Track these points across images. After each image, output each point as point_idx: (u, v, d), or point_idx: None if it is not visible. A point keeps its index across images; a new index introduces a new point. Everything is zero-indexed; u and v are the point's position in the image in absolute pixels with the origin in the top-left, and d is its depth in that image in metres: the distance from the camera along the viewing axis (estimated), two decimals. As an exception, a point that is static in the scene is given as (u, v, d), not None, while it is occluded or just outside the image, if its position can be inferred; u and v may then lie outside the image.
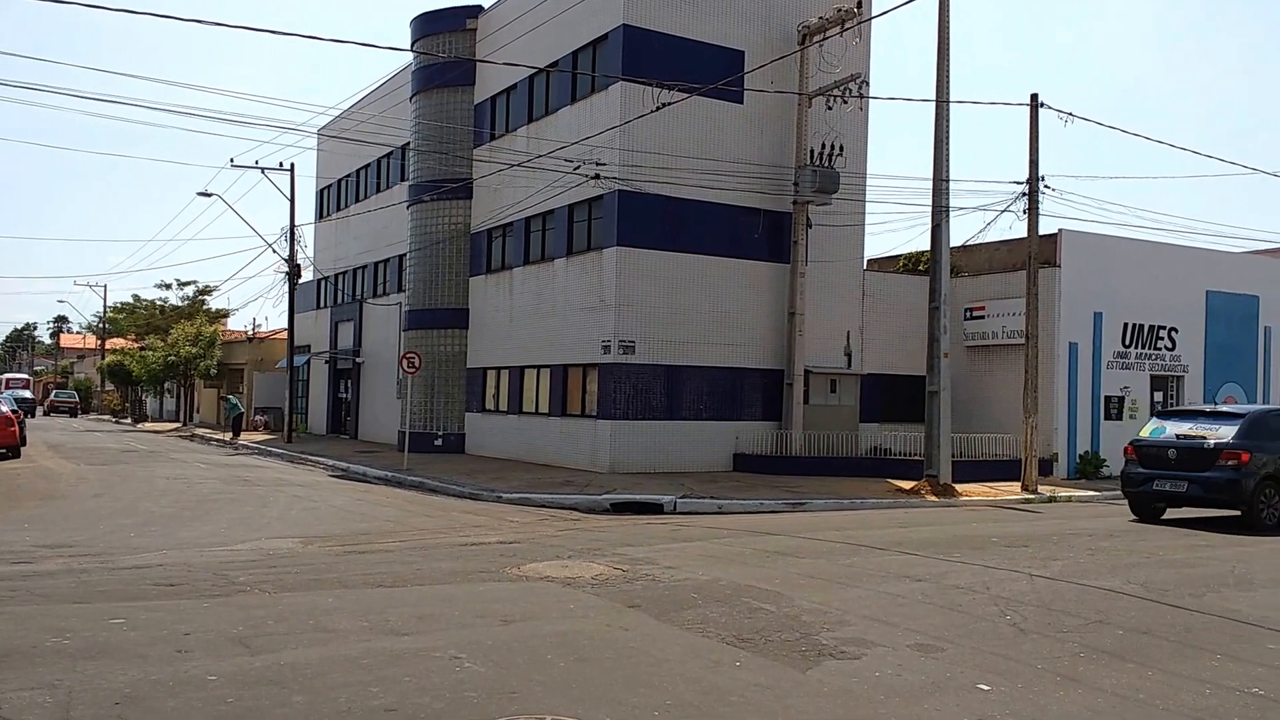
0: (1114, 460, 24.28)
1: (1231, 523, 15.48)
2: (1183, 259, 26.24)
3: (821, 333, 24.19)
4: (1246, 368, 26.97)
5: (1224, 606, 8.85)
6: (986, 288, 26.28)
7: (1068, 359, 24.32)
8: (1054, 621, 8.17)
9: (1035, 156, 20.76)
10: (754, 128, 23.45)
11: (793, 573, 10.24)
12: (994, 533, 13.78)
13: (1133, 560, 11.35)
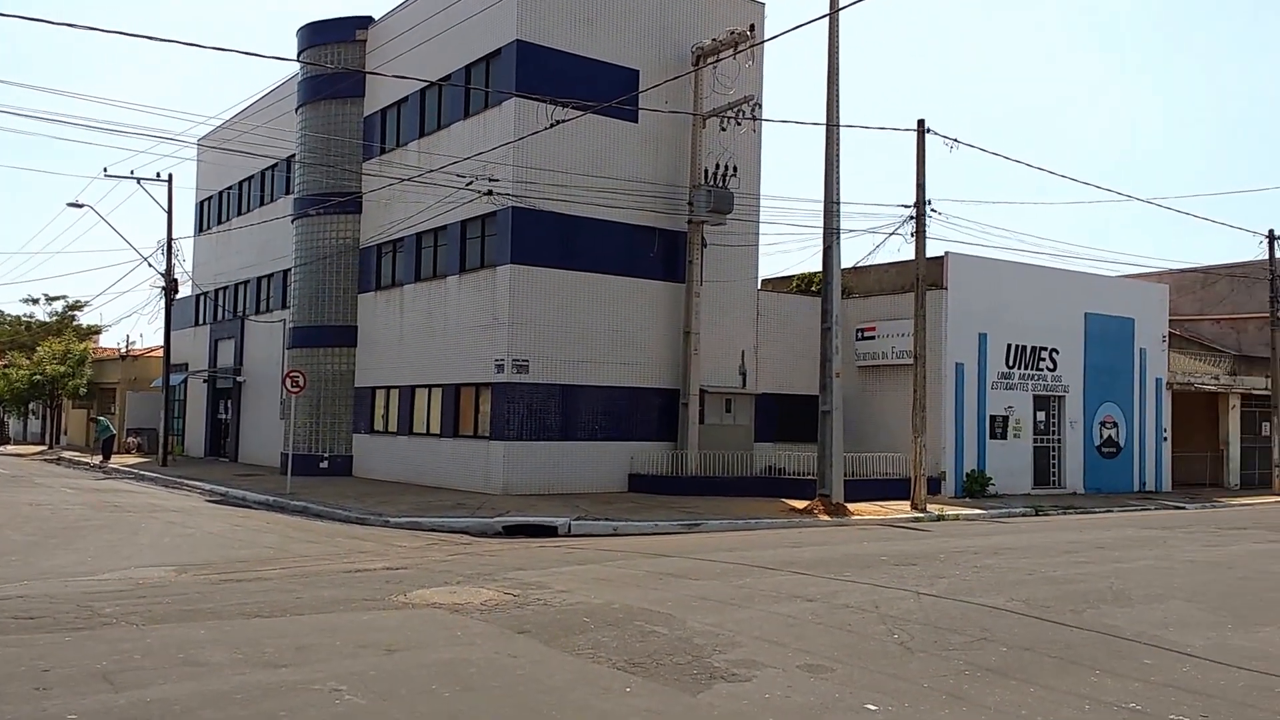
0: (999, 478, 25.02)
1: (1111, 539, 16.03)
2: (1063, 282, 27.26)
3: (717, 352, 24.28)
4: (1123, 388, 28.14)
5: (1102, 622, 9.03)
6: (877, 309, 26.83)
7: (954, 379, 24.96)
8: (940, 640, 8.20)
9: (922, 180, 21.29)
10: (649, 147, 23.48)
11: (686, 594, 10.11)
12: (884, 551, 13.91)
13: (1016, 577, 11.55)
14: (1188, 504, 24.25)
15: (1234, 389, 30.34)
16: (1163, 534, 16.99)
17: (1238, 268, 32.44)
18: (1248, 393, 30.46)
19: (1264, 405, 30.22)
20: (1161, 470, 28.69)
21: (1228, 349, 32.96)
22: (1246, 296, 32.66)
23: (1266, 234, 29.15)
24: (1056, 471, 26.75)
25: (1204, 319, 34.42)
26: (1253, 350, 32.12)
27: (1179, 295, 33.10)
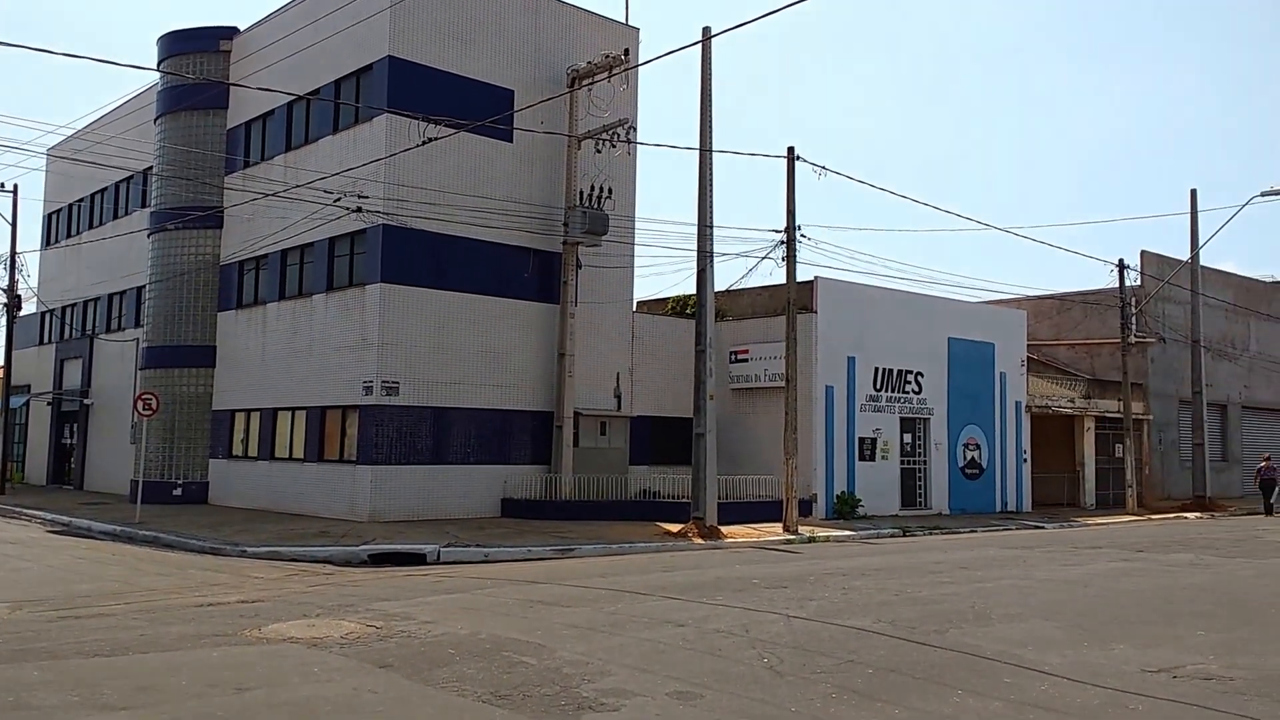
0: (868, 500, 25.52)
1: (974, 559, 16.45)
2: (927, 307, 28.14)
3: (592, 374, 24.09)
4: (985, 410, 29.18)
5: (965, 642, 9.14)
6: (750, 331, 27.14)
7: (825, 402, 25.40)
8: (808, 663, 8.13)
9: (792, 206, 21.65)
10: (524, 167, 23.23)
11: (557, 623, 9.84)
12: (755, 574, 13.90)
13: (883, 598, 11.66)
14: (1047, 523, 25.23)
15: (1089, 412, 31.85)
16: (1023, 553, 17.54)
17: (1091, 295, 34.17)
18: (1101, 415, 32.02)
19: (1116, 427, 31.81)
20: (1022, 491, 29.83)
21: (1082, 373, 34.63)
22: (1099, 323, 34.42)
23: (1117, 263, 30.79)
24: (923, 493, 27.48)
25: (1060, 344, 36.12)
26: (1105, 374, 33.83)
27: (1037, 321, 34.64)
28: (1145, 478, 32.76)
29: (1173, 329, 34.70)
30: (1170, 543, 19.82)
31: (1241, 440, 39.40)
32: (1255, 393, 40.20)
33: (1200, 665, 8.33)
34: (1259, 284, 42.18)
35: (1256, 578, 14.32)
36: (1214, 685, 7.65)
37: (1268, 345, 41.03)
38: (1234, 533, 22.73)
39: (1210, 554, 17.57)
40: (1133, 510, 29.93)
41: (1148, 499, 31.90)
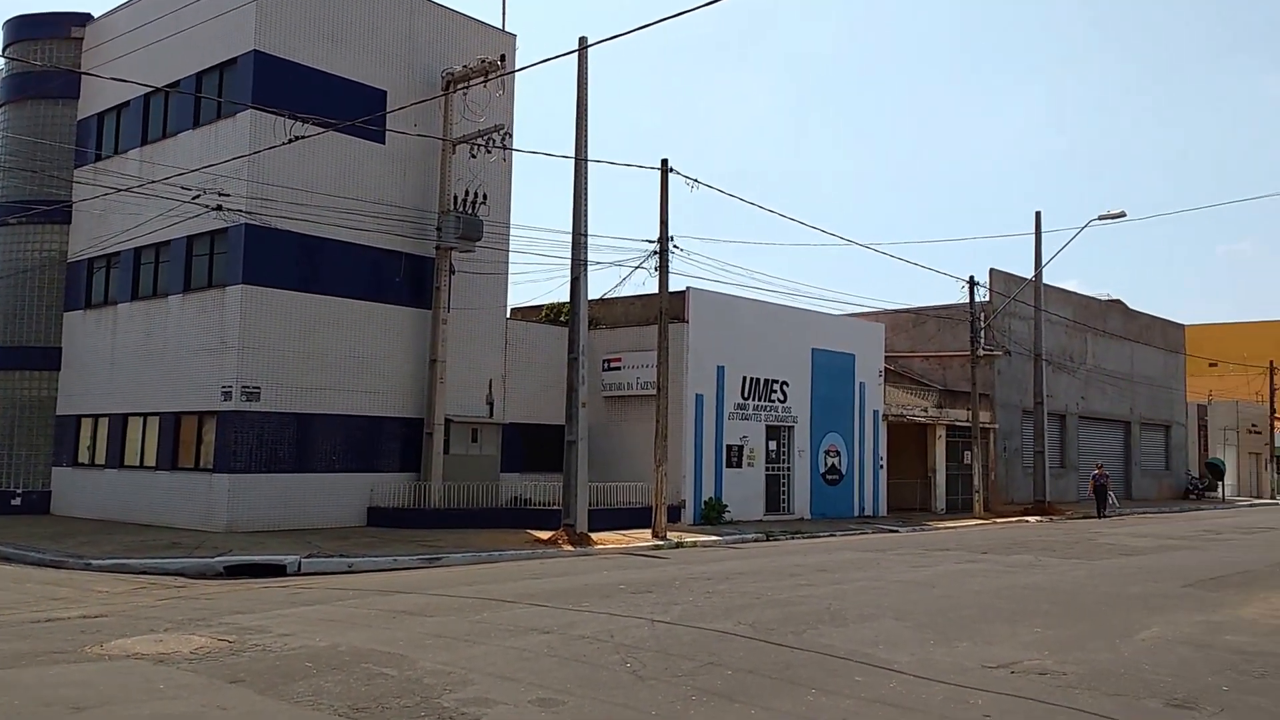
0: (735, 505, 26.08)
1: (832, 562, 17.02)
2: (793, 319, 28.97)
3: (464, 381, 23.86)
4: (845, 419, 30.21)
5: (820, 642, 9.50)
6: (623, 340, 27.39)
7: (695, 410, 25.85)
8: (670, 666, 8.31)
9: (665, 217, 21.99)
10: (397, 169, 22.86)
11: (420, 633, 9.74)
12: (623, 580, 14.05)
13: (744, 601, 11.98)
14: (900, 527, 26.31)
15: (940, 420, 33.36)
16: (877, 556, 18.27)
17: (944, 310, 35.84)
18: (952, 424, 33.59)
19: (966, 435, 33.41)
20: (879, 496, 31.01)
21: (935, 384, 36.27)
22: (952, 336, 36.12)
23: (968, 280, 32.39)
24: (786, 498, 28.25)
25: (915, 356, 37.74)
26: (956, 385, 35.51)
27: (894, 334, 36.10)
28: (991, 483, 34.51)
29: (1018, 343, 36.72)
30: (1012, 545, 20.98)
31: (1078, 448, 42.01)
32: (1091, 404, 42.97)
33: (1036, 661, 8.88)
34: (1096, 302, 45.12)
35: (1089, 578, 15.31)
36: (1048, 680, 8.18)
37: (1103, 359, 43.91)
38: (1070, 536, 24.23)
39: (1047, 556, 18.70)
40: (979, 514, 31.51)
41: (993, 503, 33.62)
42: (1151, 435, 48.43)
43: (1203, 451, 53.07)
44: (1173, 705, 7.42)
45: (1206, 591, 13.85)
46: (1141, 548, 20.86)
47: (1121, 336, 45.58)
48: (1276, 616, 11.66)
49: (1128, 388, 45.66)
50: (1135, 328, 47.22)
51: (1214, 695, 7.76)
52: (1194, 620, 11.28)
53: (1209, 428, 54.20)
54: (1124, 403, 45.47)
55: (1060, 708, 7.32)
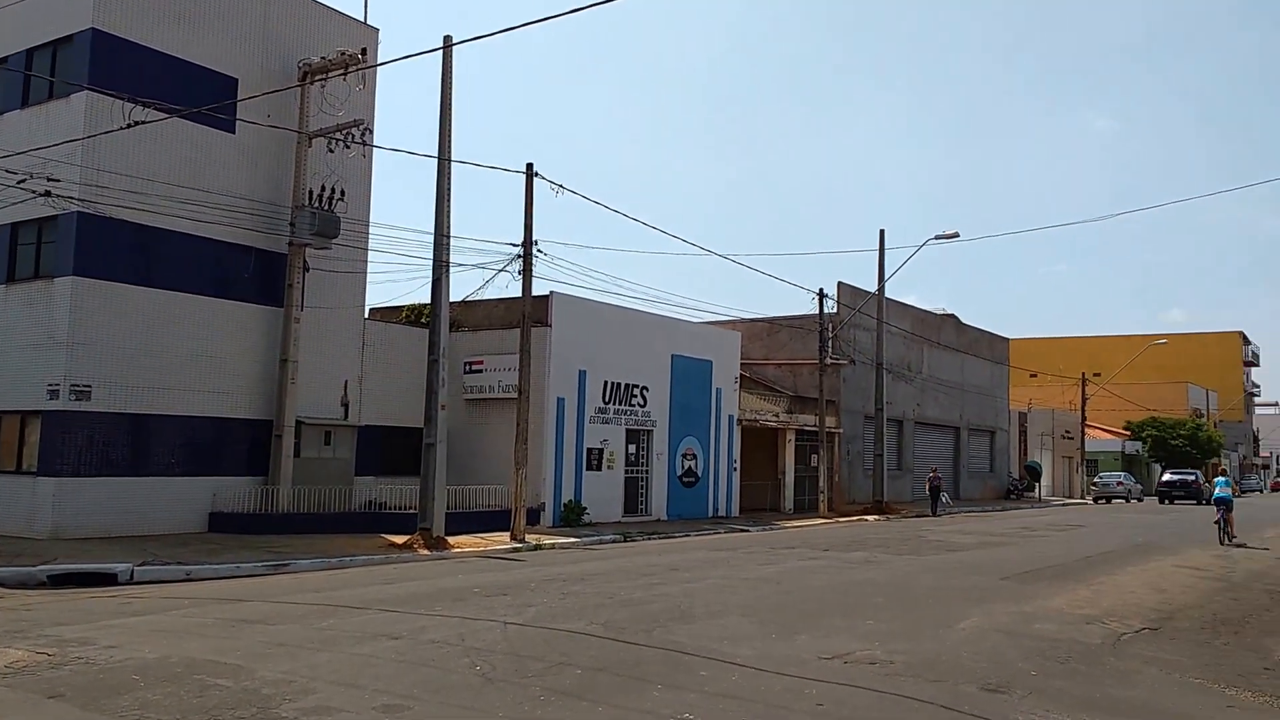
0: (594, 508, 26.31)
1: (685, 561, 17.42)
2: (655, 325, 29.44)
3: (317, 382, 23.24)
4: (702, 423, 30.88)
5: (669, 639, 9.78)
6: (485, 343, 27.25)
7: (556, 413, 25.94)
8: (521, 667, 8.40)
9: (530, 221, 22.03)
10: (248, 161, 22.08)
11: (260, 641, 9.50)
12: (478, 583, 14.04)
13: (598, 601, 12.18)
14: (751, 527, 27.11)
15: (790, 425, 34.53)
16: (728, 555, 18.82)
17: (796, 319, 37.11)
18: (801, 428, 34.82)
19: (813, 439, 34.68)
20: (732, 497, 31.84)
21: (786, 390, 37.50)
22: (802, 345, 37.41)
23: (818, 292, 33.66)
24: (645, 500, 28.68)
25: (769, 363, 38.92)
26: (806, 392, 36.82)
27: (749, 342, 37.14)
28: (836, 484, 35.95)
29: (862, 353, 38.39)
30: (851, 543, 21.96)
31: (913, 452, 44.26)
32: (926, 410, 45.38)
33: (868, 651, 9.40)
34: (932, 316, 47.71)
35: (919, 573, 16.22)
36: (877, 668, 8.69)
37: (937, 369, 46.43)
38: (904, 533, 25.52)
39: (883, 552, 19.67)
40: (824, 514, 32.79)
41: (837, 504, 35.03)
42: (978, 440, 51.42)
43: (1022, 455, 56.67)
44: (986, 690, 8.02)
45: (1021, 584, 14.90)
46: (966, 544, 22.18)
47: (954, 348, 48.27)
48: (1080, 607, 12.67)
49: (958, 396, 48.39)
50: (966, 340, 50.09)
51: (1023, 680, 8.42)
52: (1009, 611, 12.14)
53: (1028, 433, 57.94)
54: (955, 410, 48.15)
55: (886, 694, 7.80)
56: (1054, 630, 10.87)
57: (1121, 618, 11.90)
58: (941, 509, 35.66)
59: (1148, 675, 8.91)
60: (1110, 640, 10.45)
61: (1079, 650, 9.82)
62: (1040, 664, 9.09)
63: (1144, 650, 10.03)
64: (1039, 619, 11.60)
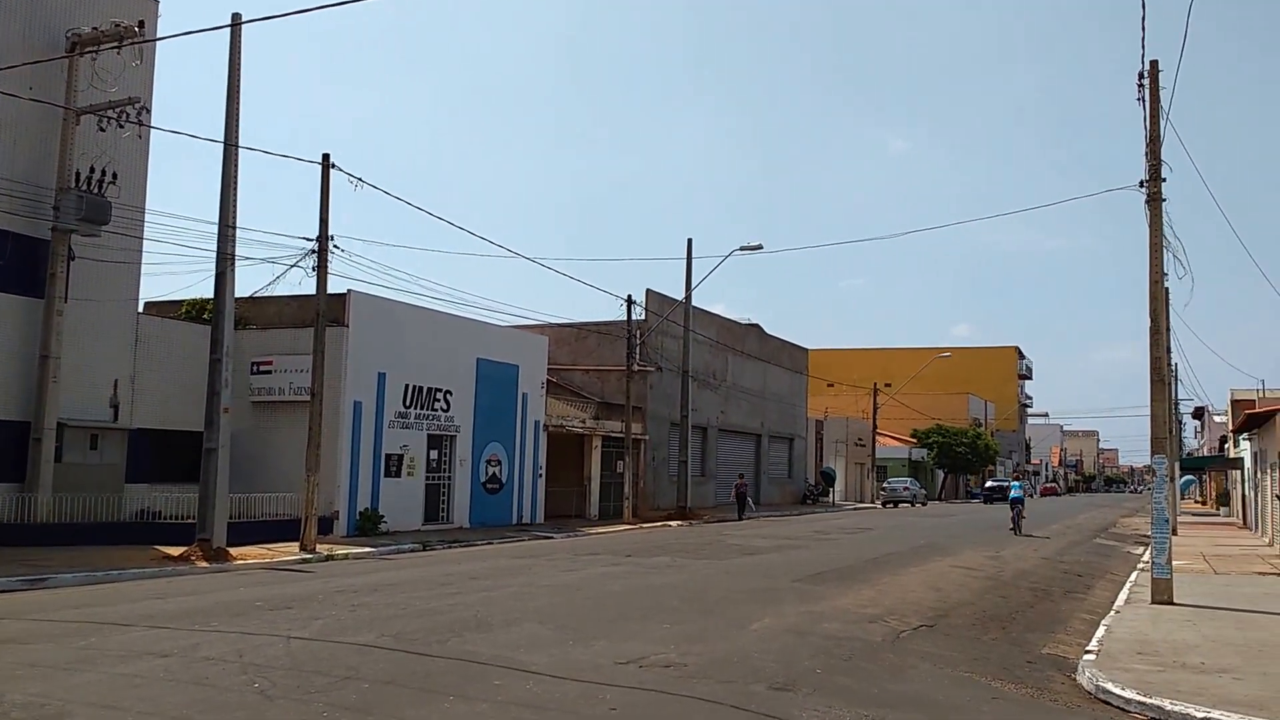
0: (393, 516, 25.47)
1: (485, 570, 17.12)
2: (459, 328, 28.85)
3: (83, 380, 21.35)
4: (507, 428, 30.52)
5: (464, 649, 9.52)
6: (275, 342, 25.91)
7: (352, 418, 24.96)
8: (304, 683, 7.95)
9: (326, 215, 21.11)
10: (5, 137, 20.03)
11: (9, 663, 8.62)
12: (261, 596, 13.26)
13: (391, 613, 11.74)
14: (555, 534, 27.02)
15: (597, 431, 34.72)
16: (530, 562, 18.64)
17: (604, 325, 37.37)
18: (608, 434, 35.06)
19: (619, 445, 35.00)
20: (536, 504, 31.66)
21: (594, 396, 37.71)
22: (610, 351, 37.73)
23: (626, 299, 34.06)
24: (446, 507, 28.06)
25: (577, 369, 39.03)
26: (613, 398, 37.13)
27: (557, 347, 37.11)
28: (641, 490, 36.45)
29: (668, 360, 39.16)
30: (654, 548, 22.28)
31: (717, 458, 45.56)
32: (730, 417, 46.81)
33: (663, 654, 9.48)
34: (737, 325, 49.30)
35: (717, 576, 16.60)
36: (671, 671, 8.76)
37: (740, 377, 48.01)
38: (705, 537, 26.15)
39: (684, 557, 20.04)
40: (629, 520, 33.16)
41: (642, 509, 35.52)
42: (778, 446, 53.56)
43: (818, 461, 59.51)
44: (774, 688, 8.24)
45: (811, 585, 15.52)
46: (763, 547, 22.95)
47: (757, 357, 50.07)
48: (865, 606, 13.31)
49: (760, 404, 50.22)
50: (769, 350, 52.07)
51: (809, 677, 8.71)
52: (799, 611, 12.60)
53: (824, 440, 60.90)
54: (757, 417, 49.94)
55: (678, 696, 7.87)
56: (840, 629, 11.34)
57: (901, 616, 12.57)
58: (748, 514, 36.87)
59: (923, 670, 9.41)
60: (890, 638, 11.00)
61: (861, 648, 10.28)
62: (826, 662, 9.44)
63: (920, 646, 10.61)
64: (827, 618, 12.08)
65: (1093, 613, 14.18)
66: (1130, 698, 8.30)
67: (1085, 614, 14.15)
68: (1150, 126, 15.22)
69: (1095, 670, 9.31)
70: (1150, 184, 15.18)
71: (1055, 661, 10.48)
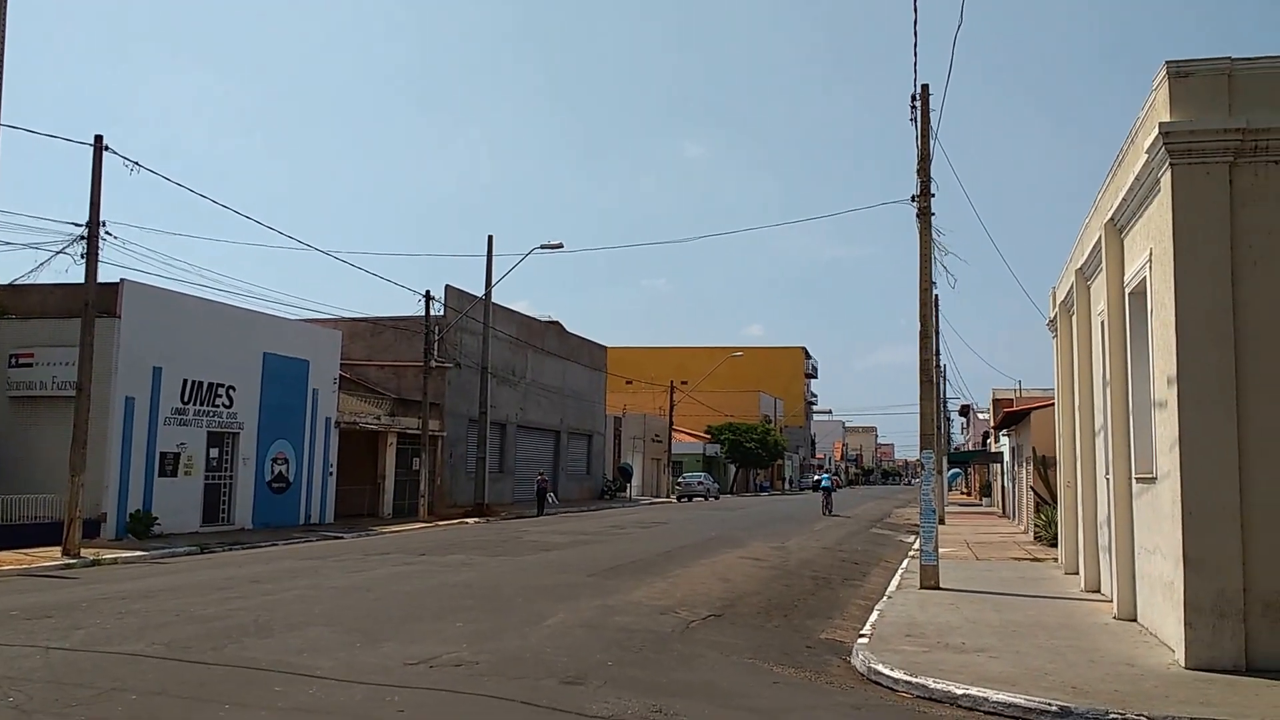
0: (168, 517, 23.93)
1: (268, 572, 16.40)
2: (245, 321, 27.43)
3: None
4: (296, 426, 29.26)
5: (242, 656, 9.13)
6: (38, 333, 23.81)
7: (124, 414, 23.27)
8: (64, 696, 7.43)
9: (97, 199, 19.61)
10: None
11: None
12: (17, 605, 12.19)
13: (162, 620, 11.07)
14: (346, 533, 26.18)
15: (392, 428, 33.87)
16: (317, 563, 18.00)
17: (402, 321, 36.49)
18: (403, 431, 34.27)
19: (416, 443, 34.29)
20: (326, 503, 30.55)
21: (390, 392, 36.75)
22: (408, 347, 36.87)
23: (424, 294, 33.39)
24: (228, 508, 26.65)
25: (372, 365, 37.92)
26: (410, 394, 36.32)
27: (351, 341, 35.92)
28: (438, 488, 35.87)
29: (468, 356, 38.74)
30: (449, 546, 22.03)
31: (516, 454, 45.50)
32: (529, 414, 46.87)
33: (454, 654, 9.43)
34: (538, 322, 49.42)
35: (513, 573, 16.62)
36: (462, 670, 8.73)
37: (540, 374, 48.15)
38: (503, 535, 26.08)
39: (479, 554, 19.94)
40: (425, 518, 32.57)
41: (438, 507, 34.97)
42: (577, 443, 54.06)
43: (616, 457, 60.50)
44: (565, 682, 8.37)
45: (606, 579, 15.82)
46: (559, 543, 23.15)
47: (557, 355, 50.34)
48: (657, 599, 13.71)
49: (560, 400, 50.54)
50: (568, 347, 52.46)
51: (600, 670, 8.90)
52: (593, 605, 12.83)
53: (622, 436, 61.96)
54: (556, 414, 50.22)
55: (469, 695, 7.87)
56: (632, 622, 11.62)
57: (692, 607, 13.02)
58: (547, 510, 37.00)
59: (710, 658, 9.79)
60: (680, 628, 11.38)
61: (652, 639, 10.58)
62: (617, 654, 9.67)
63: (709, 636, 11.04)
64: (620, 612, 12.35)
65: (867, 599, 15.07)
66: (898, 677, 8.89)
67: (861, 600, 15.05)
68: (921, 145, 16.46)
69: (868, 653, 9.86)
70: (921, 199, 16.42)
71: (833, 646, 11.05)
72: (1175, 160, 9.35)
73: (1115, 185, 12.00)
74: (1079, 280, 15.11)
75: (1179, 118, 9.37)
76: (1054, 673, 8.93)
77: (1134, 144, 10.88)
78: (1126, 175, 11.13)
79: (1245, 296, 9.22)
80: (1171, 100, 9.46)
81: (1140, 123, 10.63)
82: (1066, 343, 17.15)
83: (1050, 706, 7.74)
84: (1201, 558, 9.02)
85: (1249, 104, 9.29)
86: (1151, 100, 10.07)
